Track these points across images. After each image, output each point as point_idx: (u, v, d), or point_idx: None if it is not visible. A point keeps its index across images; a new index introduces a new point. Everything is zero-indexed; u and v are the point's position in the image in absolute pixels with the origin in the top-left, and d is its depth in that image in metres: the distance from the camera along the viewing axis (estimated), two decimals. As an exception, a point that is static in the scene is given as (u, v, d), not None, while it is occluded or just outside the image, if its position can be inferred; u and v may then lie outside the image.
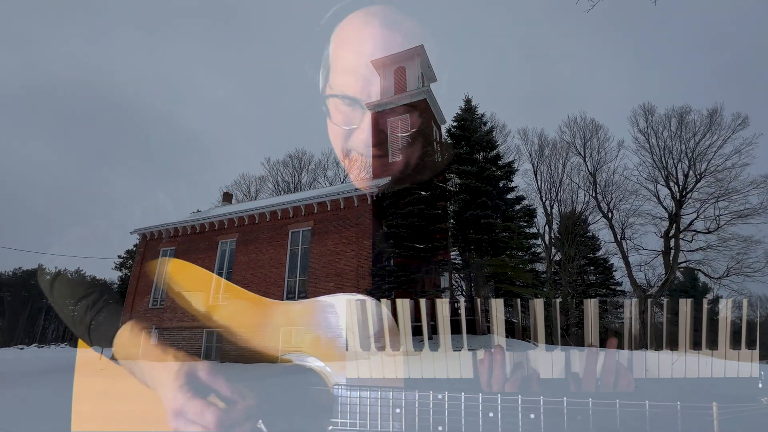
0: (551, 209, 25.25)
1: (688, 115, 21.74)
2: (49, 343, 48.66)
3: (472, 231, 12.31)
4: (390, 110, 16.83)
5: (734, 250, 19.81)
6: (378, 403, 0.71)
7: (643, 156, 23.04)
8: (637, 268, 22.41)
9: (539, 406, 0.63)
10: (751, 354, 0.64)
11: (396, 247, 12.48)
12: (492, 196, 12.73)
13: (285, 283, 14.39)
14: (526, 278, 12.86)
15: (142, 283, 17.44)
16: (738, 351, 0.63)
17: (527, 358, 0.73)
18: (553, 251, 24.48)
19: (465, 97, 15.12)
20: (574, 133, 25.12)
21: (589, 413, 0.60)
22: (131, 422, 0.89)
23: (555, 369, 0.70)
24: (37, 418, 5.78)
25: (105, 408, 0.93)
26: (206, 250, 16.51)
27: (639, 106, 23.88)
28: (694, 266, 21.52)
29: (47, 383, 9.87)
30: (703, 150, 21.02)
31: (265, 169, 42.22)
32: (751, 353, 0.64)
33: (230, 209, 19.06)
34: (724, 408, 0.55)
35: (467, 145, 14.02)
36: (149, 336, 1.06)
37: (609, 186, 23.74)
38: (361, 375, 0.77)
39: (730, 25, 78.14)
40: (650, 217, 22.41)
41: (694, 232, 21.28)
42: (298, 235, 14.89)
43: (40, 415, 6.02)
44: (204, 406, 0.70)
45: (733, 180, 20.02)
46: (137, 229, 18.55)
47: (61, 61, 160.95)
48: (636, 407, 0.59)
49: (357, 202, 14.00)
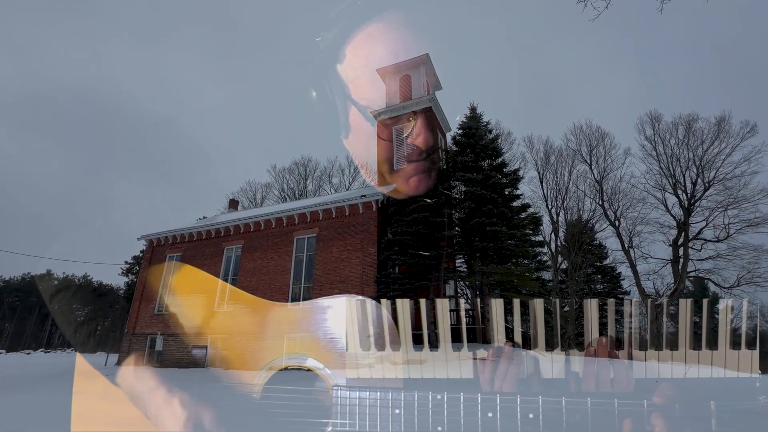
0: (557, 217, 25.09)
1: (695, 123, 21.63)
2: (55, 348, 48.94)
3: (477, 239, 12.26)
4: (395, 118, 16.92)
5: (745, 259, 19.52)
6: (377, 404, 0.71)
7: (650, 164, 22.91)
8: (646, 276, 22.15)
9: (538, 406, 0.63)
10: (750, 355, 0.63)
11: (401, 255, 12.45)
12: (498, 203, 12.69)
13: (290, 290, 14.39)
14: (533, 286, 12.74)
15: (148, 289, 17.53)
16: (738, 351, 0.62)
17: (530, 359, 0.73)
18: (560, 259, 24.26)
19: (470, 105, 15.16)
20: (580, 140, 25.07)
21: (588, 413, 0.60)
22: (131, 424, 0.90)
23: (555, 369, 0.70)
24: (41, 423, 5.80)
25: (106, 410, 0.94)
26: (212, 257, 16.59)
27: (645, 113, 23.79)
28: (704, 275, 21.21)
29: (52, 388, 9.92)
30: (711, 158, 20.86)
31: (271, 176, 42.51)
32: (750, 354, 0.63)
33: (236, 216, 19.19)
34: (721, 406, 0.54)
35: (472, 153, 14.02)
36: (154, 342, 1.07)
37: (616, 194, 23.59)
38: (361, 375, 0.77)
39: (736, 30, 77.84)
40: (658, 226, 22.20)
41: (703, 241, 21.02)
42: (303, 242, 14.92)
43: (43, 419, 6.05)
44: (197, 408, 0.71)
45: (743, 188, 19.82)
46: (144, 235, 18.72)
47: (59, 65, 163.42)
48: (634, 407, 0.59)
49: (362, 209, 14.03)
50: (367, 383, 0.77)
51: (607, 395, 0.60)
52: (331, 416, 0.73)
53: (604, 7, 5.15)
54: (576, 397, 0.61)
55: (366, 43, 1.74)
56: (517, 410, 0.64)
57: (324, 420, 0.74)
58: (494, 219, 12.20)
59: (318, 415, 0.76)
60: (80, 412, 0.90)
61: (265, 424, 0.77)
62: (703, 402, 0.56)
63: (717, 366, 0.68)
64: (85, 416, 0.91)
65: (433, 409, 0.68)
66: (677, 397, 0.57)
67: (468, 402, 0.67)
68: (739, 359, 0.68)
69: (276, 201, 32.91)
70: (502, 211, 12.64)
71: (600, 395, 0.61)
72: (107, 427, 0.91)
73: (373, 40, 1.77)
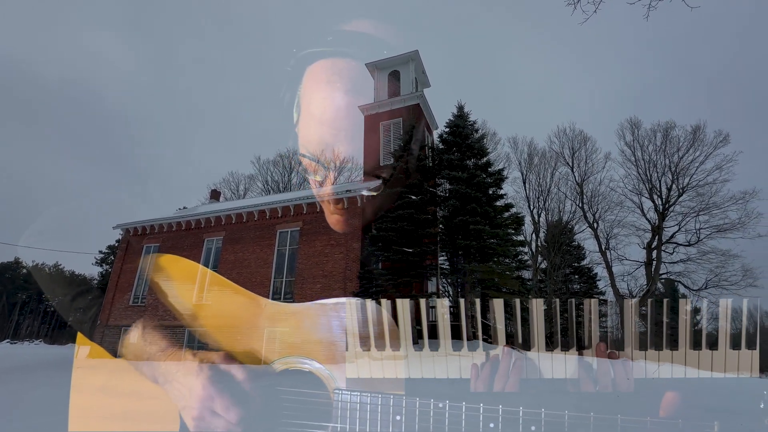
0: (539, 218, 25.57)
1: (672, 130, 22.32)
2: (23, 339, 47.10)
3: (460, 237, 12.37)
4: (383, 114, 16.87)
5: (713, 263, 20.34)
6: (378, 409, 0.70)
7: (628, 168, 23.55)
8: (620, 278, 22.84)
9: (540, 418, 0.63)
10: (711, 354, 0.65)
11: (384, 251, 12.46)
12: (481, 202, 12.82)
13: (271, 284, 14.24)
14: (513, 285, 12.96)
15: (123, 280, 17.06)
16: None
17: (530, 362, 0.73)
18: (540, 259, 24.75)
19: (458, 104, 15.24)
20: (563, 143, 25.55)
21: (590, 428, 0.60)
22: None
23: (556, 370, 0.70)
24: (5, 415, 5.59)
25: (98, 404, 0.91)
26: (191, 248, 16.24)
27: (626, 119, 24.38)
28: (675, 278, 22.00)
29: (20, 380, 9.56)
30: (686, 165, 21.59)
31: (254, 168, 41.80)
32: (712, 353, 0.65)
33: (217, 207, 18.82)
34: (725, 429, 0.55)
35: (458, 151, 14.12)
36: (129, 335, 1.04)
37: (595, 197, 24.17)
38: (361, 375, 0.76)
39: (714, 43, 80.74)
40: (634, 229, 22.89)
41: (675, 245, 21.78)
42: (286, 235, 14.77)
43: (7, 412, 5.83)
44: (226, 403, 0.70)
45: (714, 195, 20.59)
46: (120, 224, 18.18)
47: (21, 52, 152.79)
48: (637, 423, 0.59)
49: (347, 204, 13.96)
50: (368, 385, 0.76)
51: (611, 411, 0.60)
52: (331, 420, 0.72)
53: (593, 11, 5.23)
54: (578, 411, 0.61)
55: (356, 36, 1.70)
56: (519, 422, 0.63)
57: (324, 423, 0.73)
58: (477, 218, 12.33)
59: (318, 419, 0.74)
60: (78, 406, 0.87)
61: (264, 424, 0.76)
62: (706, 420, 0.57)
63: (690, 366, 0.70)
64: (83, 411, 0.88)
65: (434, 417, 0.67)
66: (681, 413, 0.58)
67: (470, 412, 0.66)
68: (712, 359, 0.70)
69: (260, 193, 32.45)
70: (485, 210, 12.79)
71: (604, 410, 0.61)
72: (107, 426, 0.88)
73: (363, 34, 1.73)
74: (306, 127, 1.53)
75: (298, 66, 1.50)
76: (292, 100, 1.47)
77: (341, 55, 1.54)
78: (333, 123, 1.65)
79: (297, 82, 1.50)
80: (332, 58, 1.55)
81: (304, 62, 1.50)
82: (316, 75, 1.55)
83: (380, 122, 16.74)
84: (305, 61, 1.49)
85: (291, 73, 1.43)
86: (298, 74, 1.50)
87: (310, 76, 1.52)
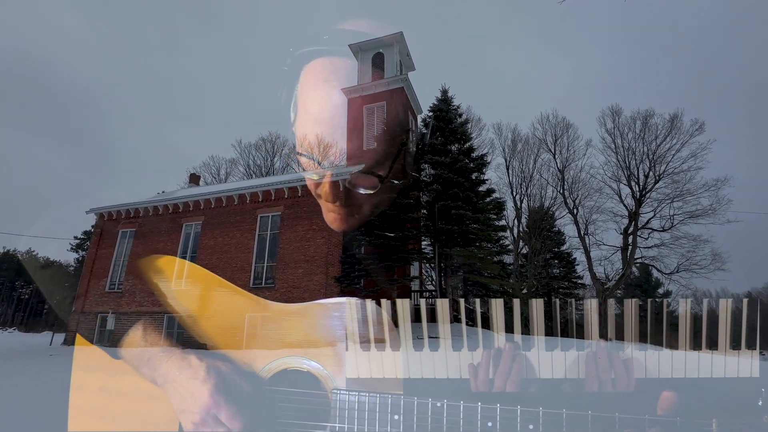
0: (521, 203, 25.97)
1: (651, 119, 22.82)
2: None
3: (443, 221, 12.47)
4: (367, 96, 16.63)
5: (685, 248, 21.18)
6: (376, 408, 0.69)
7: (608, 155, 24.06)
8: (598, 262, 23.57)
9: (538, 417, 0.63)
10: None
11: (366, 235, 12.47)
12: (464, 187, 12.91)
13: (252, 269, 14.09)
14: (494, 269, 13.21)
15: (98, 266, 16.59)
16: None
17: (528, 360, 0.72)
18: (521, 244, 25.26)
19: (441, 88, 15.14)
20: (546, 130, 25.82)
21: (588, 426, 0.60)
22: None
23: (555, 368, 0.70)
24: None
25: None
26: (169, 233, 15.86)
27: (608, 107, 24.77)
28: (649, 262, 22.85)
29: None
30: (663, 152, 22.18)
31: (236, 152, 40.81)
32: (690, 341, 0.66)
33: (196, 191, 18.37)
34: (723, 426, 0.55)
35: (442, 136, 14.10)
36: (105, 321, 0.99)
37: (576, 183, 24.66)
38: (360, 375, 0.75)
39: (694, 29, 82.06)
40: (612, 215, 23.55)
41: (650, 230, 22.54)
42: (267, 220, 14.56)
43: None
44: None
45: (688, 182, 21.30)
46: (94, 208, 17.57)
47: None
48: (635, 421, 0.59)
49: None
50: (366, 385, 0.75)
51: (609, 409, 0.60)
52: (329, 420, 0.71)
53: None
54: (577, 409, 0.61)
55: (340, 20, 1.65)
56: (516, 421, 0.62)
57: (322, 423, 0.71)
58: (460, 202, 12.43)
59: (316, 419, 0.73)
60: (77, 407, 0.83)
61: (262, 424, 0.74)
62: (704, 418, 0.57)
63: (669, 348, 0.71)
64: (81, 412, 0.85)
65: (432, 416, 0.66)
66: (679, 410, 0.58)
67: (468, 411, 0.64)
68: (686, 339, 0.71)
69: (241, 177, 31.79)
70: (467, 195, 12.89)
71: (601, 409, 0.60)
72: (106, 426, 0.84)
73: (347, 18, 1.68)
74: (289, 111, 1.47)
75: (281, 48, 1.43)
76: (275, 84, 1.40)
77: (324, 35, 1.47)
78: (315, 106, 1.59)
79: (280, 64, 1.43)
80: (315, 39, 1.48)
81: (287, 45, 1.43)
82: (299, 57, 1.48)
83: (364, 105, 16.52)
84: (288, 44, 1.42)
85: (273, 55, 1.36)
86: (281, 57, 1.43)
87: (293, 59, 1.45)
